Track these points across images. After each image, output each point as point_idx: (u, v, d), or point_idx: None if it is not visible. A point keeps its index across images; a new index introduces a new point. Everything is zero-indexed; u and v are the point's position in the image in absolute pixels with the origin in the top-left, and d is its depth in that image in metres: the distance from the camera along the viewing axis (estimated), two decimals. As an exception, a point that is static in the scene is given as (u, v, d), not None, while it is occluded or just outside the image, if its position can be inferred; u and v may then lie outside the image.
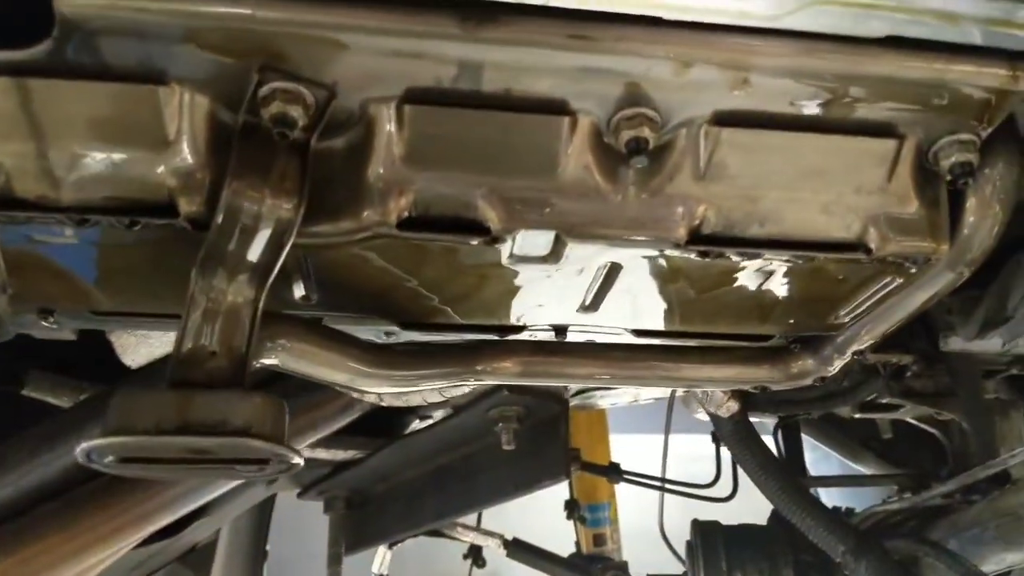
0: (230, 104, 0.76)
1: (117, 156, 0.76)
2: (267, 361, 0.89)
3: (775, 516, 1.75)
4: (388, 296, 1.00)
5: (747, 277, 0.96)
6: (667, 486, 1.92)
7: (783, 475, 1.43)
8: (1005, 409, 1.76)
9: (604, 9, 0.69)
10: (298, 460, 0.78)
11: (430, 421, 1.79)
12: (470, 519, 2.19)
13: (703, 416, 2.35)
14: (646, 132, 0.78)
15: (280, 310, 0.94)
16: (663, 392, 2.14)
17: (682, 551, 1.83)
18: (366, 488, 1.92)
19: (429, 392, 1.36)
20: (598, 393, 1.94)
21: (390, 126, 0.78)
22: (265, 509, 2.48)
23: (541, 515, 2.88)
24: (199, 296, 0.79)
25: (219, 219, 0.76)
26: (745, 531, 1.68)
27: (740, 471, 1.87)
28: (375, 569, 2.13)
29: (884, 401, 1.68)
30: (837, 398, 1.47)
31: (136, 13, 0.67)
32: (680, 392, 1.96)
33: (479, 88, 0.76)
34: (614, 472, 1.96)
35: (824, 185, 0.86)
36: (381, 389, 1.08)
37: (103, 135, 0.75)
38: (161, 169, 0.77)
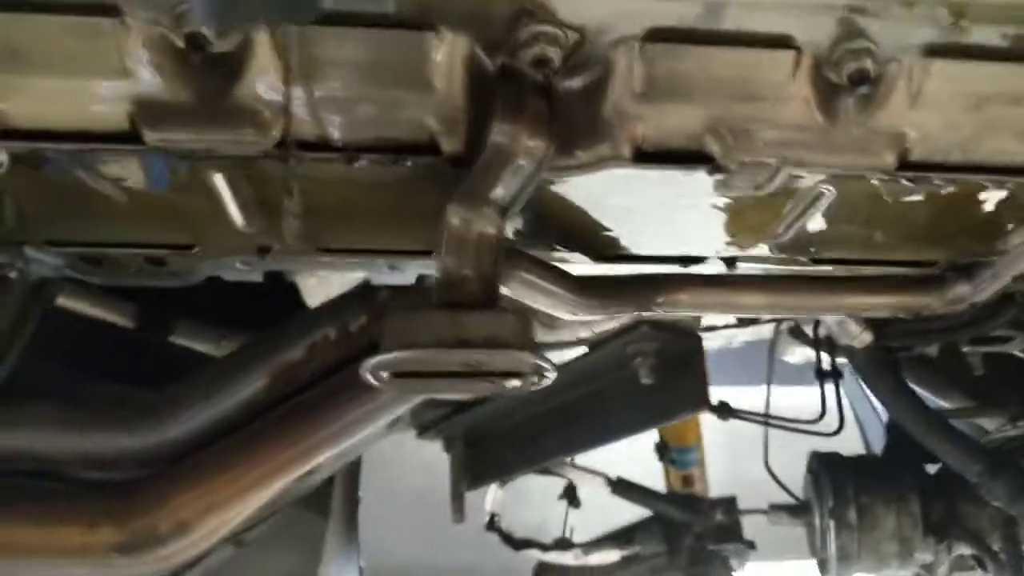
0: (488, 48, 0.82)
1: (386, 99, 0.83)
2: (503, 288, 0.97)
3: (892, 448, 1.81)
4: (581, 232, 1.07)
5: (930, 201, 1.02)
6: (774, 422, 1.99)
7: (919, 402, 1.50)
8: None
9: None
10: (553, 372, 0.86)
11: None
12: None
13: (793, 359, 2.43)
14: (868, 63, 0.84)
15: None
16: (759, 335, 2.22)
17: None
18: (484, 426, 2.01)
19: (583, 329, 1.43)
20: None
21: (630, 65, 0.84)
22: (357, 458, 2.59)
23: (626, 462, 2.98)
24: (457, 227, 0.86)
25: (484, 158, 0.82)
26: (867, 461, 1.76)
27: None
28: (487, 507, 2.23)
29: (996, 334, 1.74)
30: (966, 327, 1.52)
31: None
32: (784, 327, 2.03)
33: (718, 27, 0.82)
34: (724, 409, 2.04)
35: (1019, 114, 0.91)
36: (585, 317, 1.15)
37: (374, 80, 0.82)
38: (426, 111, 0.84)
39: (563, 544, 2.25)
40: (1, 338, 1.27)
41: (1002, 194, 1.00)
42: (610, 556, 2.25)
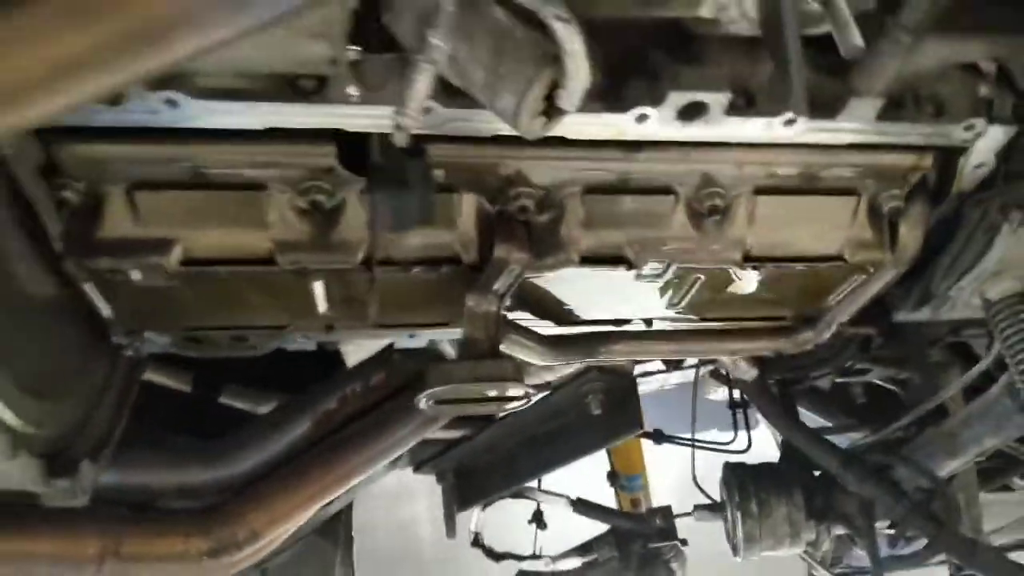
0: (490, 200, 1.35)
1: (429, 233, 1.35)
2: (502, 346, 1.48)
3: (783, 458, 2.36)
4: (549, 307, 1.60)
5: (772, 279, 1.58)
6: (699, 444, 2.53)
7: (794, 418, 2.04)
8: (944, 368, 2.38)
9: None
10: (536, 396, 1.37)
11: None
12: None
13: (714, 397, 2.99)
14: (718, 201, 1.39)
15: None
16: (687, 378, 2.77)
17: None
18: (470, 460, 2.49)
19: (549, 373, 1.95)
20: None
21: (576, 207, 1.37)
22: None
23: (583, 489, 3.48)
24: (472, 307, 1.38)
25: (490, 266, 1.35)
26: (764, 467, 2.29)
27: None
28: (472, 527, 2.70)
29: (858, 367, 2.32)
30: (825, 363, 2.09)
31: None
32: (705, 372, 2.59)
33: (627, 184, 1.36)
34: (658, 435, 2.57)
35: (817, 223, 1.47)
36: (551, 362, 1.66)
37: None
38: (453, 239, 1.36)
39: (535, 556, 2.73)
40: (118, 406, 1.70)
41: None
42: (573, 563, 2.74)
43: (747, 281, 1.52)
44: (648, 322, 1.71)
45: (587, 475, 3.03)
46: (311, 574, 2.70)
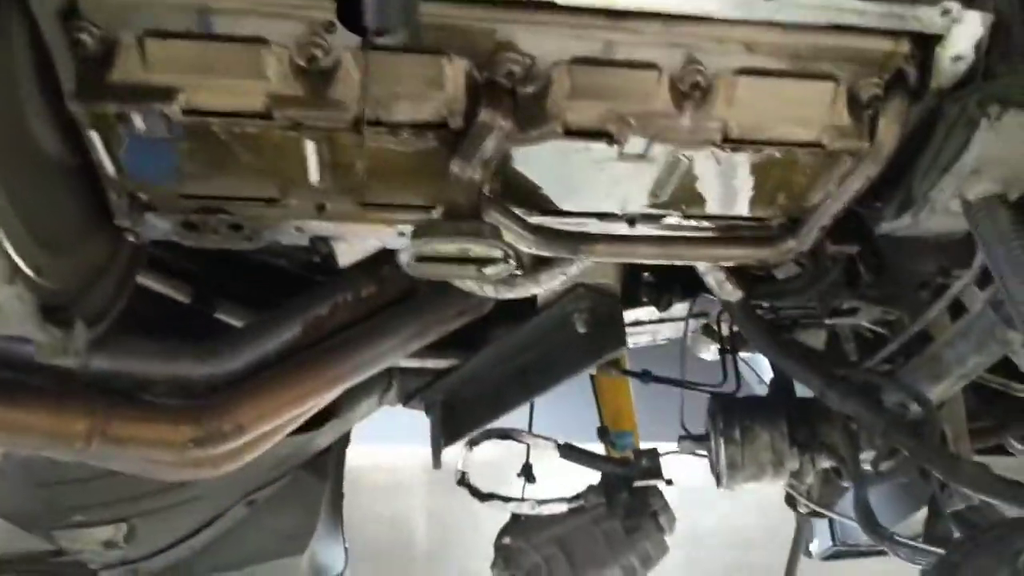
0: (478, 66, 1.39)
1: (418, 96, 1.40)
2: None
3: (772, 391, 2.39)
4: (529, 195, 1.65)
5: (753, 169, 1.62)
6: (687, 385, 2.55)
7: (779, 337, 2.07)
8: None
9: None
10: (514, 261, 1.40)
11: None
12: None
13: (706, 356, 3.02)
14: (700, 79, 1.44)
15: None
16: (678, 332, 2.81)
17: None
18: (458, 390, 2.52)
19: (534, 285, 1.99)
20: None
21: (562, 78, 1.42)
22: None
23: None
24: (456, 172, 1.42)
25: (474, 130, 1.39)
26: (751, 399, 2.32)
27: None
28: (459, 466, 2.71)
29: (846, 307, 2.35)
30: (809, 288, 2.11)
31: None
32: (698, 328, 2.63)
33: (613, 56, 1.41)
34: (646, 375, 2.60)
35: (797, 108, 1.51)
36: (535, 251, 1.68)
37: (412, 84, 1.39)
38: (441, 104, 1.40)
39: (521, 499, 2.74)
40: (117, 286, 1.74)
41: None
42: (559, 508, 2.74)
43: None
44: (631, 221, 1.75)
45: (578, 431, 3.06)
46: (298, 507, 2.73)
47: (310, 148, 1.45)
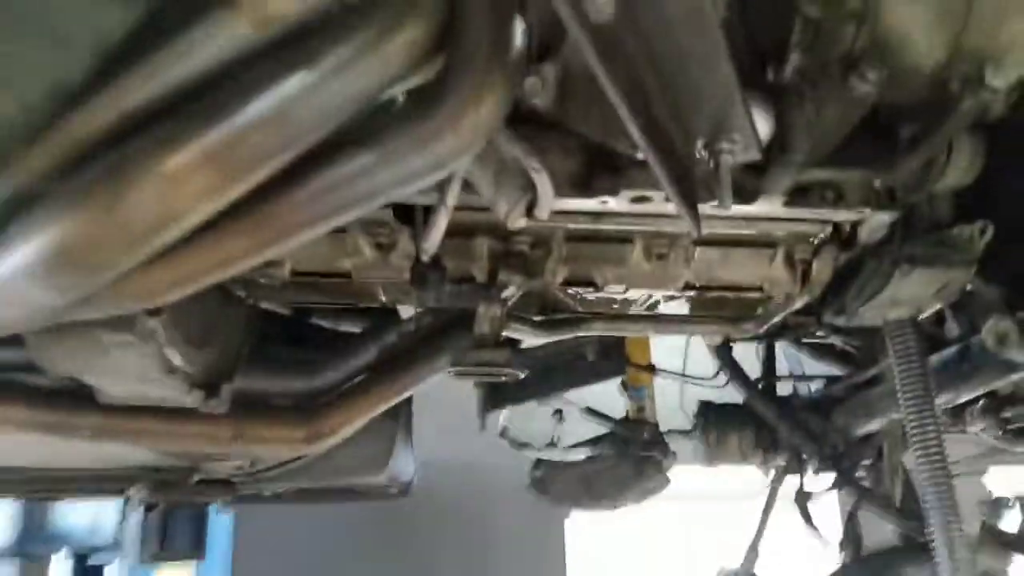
0: (499, 241, 1.93)
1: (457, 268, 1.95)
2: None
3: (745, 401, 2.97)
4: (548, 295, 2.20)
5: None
6: (686, 377, 3.14)
7: (745, 378, 2.64)
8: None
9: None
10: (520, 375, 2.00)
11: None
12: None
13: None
14: (664, 249, 1.93)
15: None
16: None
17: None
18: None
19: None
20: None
21: (559, 248, 1.94)
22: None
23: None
24: (483, 312, 1.99)
25: (497, 285, 1.95)
26: (730, 406, 2.91)
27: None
28: (501, 421, 3.43)
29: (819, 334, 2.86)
30: (783, 334, 2.63)
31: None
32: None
33: (598, 233, 1.91)
34: (652, 369, 3.20)
35: (743, 266, 2.00)
36: (544, 341, 2.28)
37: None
38: (473, 267, 1.95)
39: (551, 444, 3.46)
40: (243, 341, 2.41)
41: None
42: (581, 454, 3.46)
43: None
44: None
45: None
46: (377, 440, 3.51)
47: (381, 289, 2.05)
